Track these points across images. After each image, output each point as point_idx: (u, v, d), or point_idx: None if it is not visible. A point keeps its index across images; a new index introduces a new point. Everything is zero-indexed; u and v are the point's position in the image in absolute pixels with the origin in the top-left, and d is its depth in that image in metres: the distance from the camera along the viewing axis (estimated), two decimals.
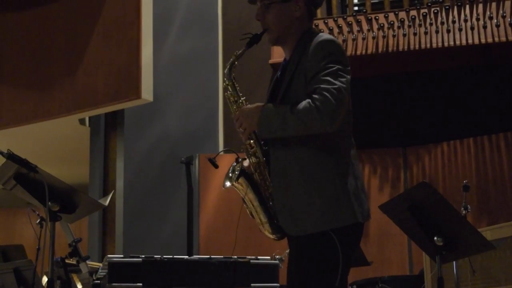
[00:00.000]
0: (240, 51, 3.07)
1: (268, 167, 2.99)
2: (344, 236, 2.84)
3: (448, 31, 7.43)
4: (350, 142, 3.00)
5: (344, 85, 2.85)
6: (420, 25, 7.53)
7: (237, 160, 3.07)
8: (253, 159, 3.01)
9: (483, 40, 7.34)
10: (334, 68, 2.86)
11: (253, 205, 3.02)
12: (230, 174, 3.06)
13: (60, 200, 3.75)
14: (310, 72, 2.88)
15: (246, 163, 3.09)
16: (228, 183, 3.06)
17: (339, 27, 7.73)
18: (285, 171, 2.90)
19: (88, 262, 4.77)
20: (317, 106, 2.75)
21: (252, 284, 4.79)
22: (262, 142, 3.01)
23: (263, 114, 2.87)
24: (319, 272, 2.83)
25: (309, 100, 2.78)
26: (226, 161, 3.18)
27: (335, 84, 2.82)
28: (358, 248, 5.56)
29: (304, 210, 2.84)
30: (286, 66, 3.06)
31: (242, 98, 3.07)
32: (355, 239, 2.94)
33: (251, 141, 2.98)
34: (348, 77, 2.92)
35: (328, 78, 2.82)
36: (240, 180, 3.01)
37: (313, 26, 3.17)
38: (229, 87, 3.08)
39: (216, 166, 3.21)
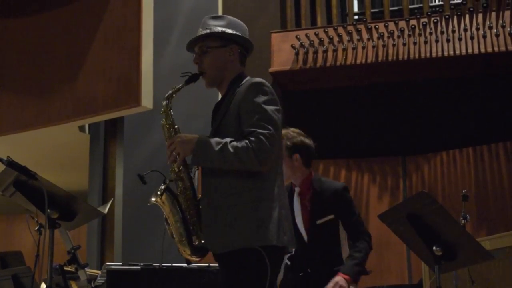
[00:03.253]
0: (179, 86, 3.33)
1: (193, 193, 3.25)
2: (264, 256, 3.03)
3: (448, 40, 7.45)
4: (277, 171, 3.19)
5: (275, 131, 3.07)
6: (420, 35, 7.55)
7: (164, 182, 3.27)
8: (180, 184, 3.26)
9: (482, 50, 7.35)
10: (267, 113, 3.09)
11: (174, 223, 3.23)
12: (158, 192, 3.25)
13: (59, 207, 3.74)
14: (244, 112, 3.13)
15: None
16: (153, 199, 3.26)
17: (339, 36, 7.74)
18: (211, 197, 3.13)
19: (86, 269, 4.76)
20: (253, 148, 2.99)
21: None
22: (190, 170, 3.28)
23: (200, 143, 3.09)
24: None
25: (247, 141, 3.02)
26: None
27: (270, 130, 3.05)
28: None
29: (227, 230, 3.05)
30: (220, 105, 3.34)
31: (176, 126, 3.33)
32: (274, 261, 3.09)
33: (180, 167, 3.24)
34: (279, 116, 3.15)
35: (263, 123, 3.06)
36: (164, 197, 3.24)
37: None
38: (165, 114, 3.34)
39: (145, 183, 3.41)
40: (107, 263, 4.82)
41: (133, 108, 6.92)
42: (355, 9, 8.65)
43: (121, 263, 4.92)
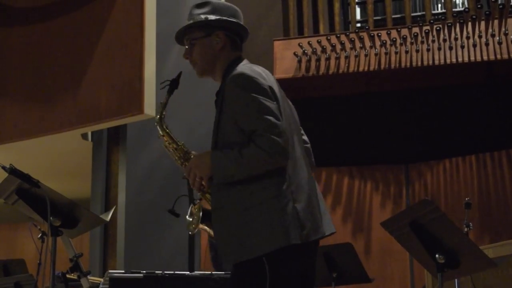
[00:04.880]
0: (164, 101, 3.26)
1: None
2: (280, 260, 2.89)
3: (451, 48, 7.45)
4: (289, 163, 2.99)
5: (273, 118, 2.88)
6: (422, 42, 7.56)
7: (193, 202, 3.17)
8: (208, 196, 3.11)
9: (485, 57, 7.36)
10: (258, 104, 2.91)
11: None
12: (191, 219, 3.16)
13: (62, 215, 3.75)
14: (236, 112, 2.96)
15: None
16: (194, 227, 3.16)
17: (342, 44, 7.75)
18: (219, 204, 3.00)
19: (89, 277, 4.76)
20: (264, 150, 2.84)
21: None
22: None
23: (215, 161, 2.96)
24: None
25: (255, 145, 2.86)
26: None
27: (269, 121, 2.86)
28: (359, 265, 5.55)
29: (237, 240, 2.93)
30: (218, 96, 3.17)
31: (181, 143, 3.23)
32: (296, 260, 2.97)
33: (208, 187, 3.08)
34: (274, 103, 2.94)
35: (260, 115, 2.88)
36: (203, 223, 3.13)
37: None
38: (164, 137, 3.26)
39: (178, 216, 3.32)
40: (110, 271, 4.81)
41: (136, 116, 6.91)
42: (358, 16, 8.67)
43: (123, 271, 4.91)
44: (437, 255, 3.47)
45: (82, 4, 7.38)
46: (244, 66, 3.09)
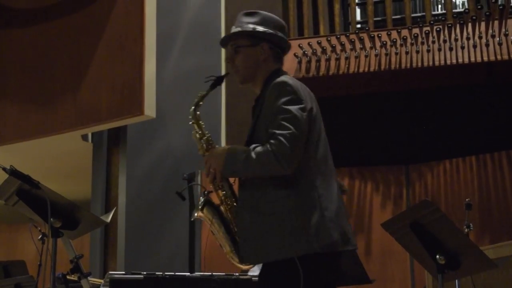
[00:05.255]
0: (204, 93, 3.30)
1: (235, 200, 3.22)
2: (308, 267, 2.96)
3: (451, 49, 7.45)
4: (318, 172, 3.11)
5: (297, 129, 3.00)
6: (422, 43, 7.56)
7: (204, 193, 3.24)
8: (220, 192, 3.21)
9: (485, 58, 7.35)
10: (289, 112, 3.02)
11: (219, 234, 3.20)
12: (199, 206, 3.22)
13: (62, 216, 3.74)
14: (268, 114, 3.08)
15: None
16: (195, 214, 3.23)
17: (342, 45, 7.75)
18: (247, 206, 3.09)
19: (89, 278, 4.76)
20: (273, 151, 2.94)
21: None
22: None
23: (228, 155, 3.07)
24: None
25: (267, 145, 2.97)
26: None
27: (290, 129, 2.97)
28: (360, 266, 5.55)
29: (262, 241, 3.01)
30: (257, 103, 3.28)
31: (207, 134, 3.28)
32: (321, 268, 3.03)
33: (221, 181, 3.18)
34: (304, 114, 3.06)
35: (284, 123, 2.99)
36: (205, 210, 3.21)
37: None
38: (195, 125, 3.31)
39: (184, 199, 3.39)
40: (110, 272, 4.81)
41: (136, 117, 6.92)
42: (358, 17, 8.66)
43: (124, 272, 4.91)
44: (437, 256, 3.47)
45: (82, 5, 7.38)
46: (287, 77, 3.21)
